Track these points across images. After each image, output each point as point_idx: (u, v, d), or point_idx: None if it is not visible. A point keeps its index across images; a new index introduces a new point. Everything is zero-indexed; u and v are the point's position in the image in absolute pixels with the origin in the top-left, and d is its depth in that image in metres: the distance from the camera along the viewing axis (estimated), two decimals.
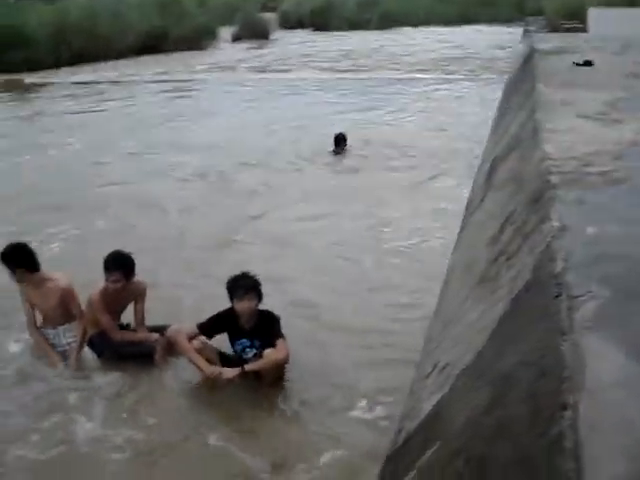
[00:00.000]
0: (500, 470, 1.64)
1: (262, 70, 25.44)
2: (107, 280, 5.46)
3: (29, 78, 25.27)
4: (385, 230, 8.49)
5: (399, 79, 21.83)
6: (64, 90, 22.10)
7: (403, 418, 2.71)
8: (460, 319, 2.84)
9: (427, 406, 2.41)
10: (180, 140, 13.98)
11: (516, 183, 4.08)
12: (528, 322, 2.15)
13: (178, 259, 7.75)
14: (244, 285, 5.06)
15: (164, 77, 24.24)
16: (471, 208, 5.22)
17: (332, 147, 12.21)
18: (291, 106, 17.80)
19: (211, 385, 5.12)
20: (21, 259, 5.54)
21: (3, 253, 5.53)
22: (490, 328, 2.33)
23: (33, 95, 21.97)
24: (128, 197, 10.18)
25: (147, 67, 26.90)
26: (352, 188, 10.35)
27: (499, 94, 11.19)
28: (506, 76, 13.65)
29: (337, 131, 12.41)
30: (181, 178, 11.21)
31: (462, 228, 5.21)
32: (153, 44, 31.60)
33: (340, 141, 12.16)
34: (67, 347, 5.72)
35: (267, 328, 5.09)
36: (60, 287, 5.63)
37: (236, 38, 36.26)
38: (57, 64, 27.76)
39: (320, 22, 40.69)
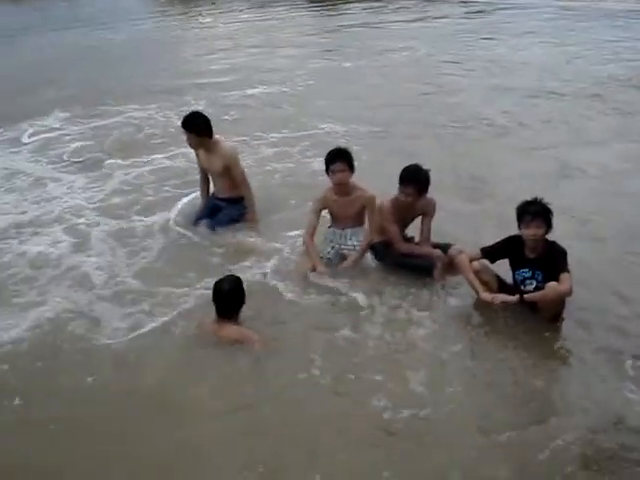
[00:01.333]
0: None
1: None
2: (400, 192, 5.60)
3: None
4: None
5: None
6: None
7: None
8: None
9: None
10: (497, 58, 14.15)
11: None
12: None
13: (481, 178, 7.86)
14: (532, 211, 4.87)
15: None
16: None
17: None
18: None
19: (483, 307, 5.13)
20: (351, 160, 5.81)
21: (339, 152, 5.81)
22: None
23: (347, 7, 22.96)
24: (460, 109, 10.71)
25: None
26: None
27: None
28: None
29: None
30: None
31: None
32: None
33: None
34: (351, 247, 6.01)
35: (552, 261, 4.90)
36: (365, 197, 5.87)
37: None
38: None
39: None
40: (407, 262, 5.72)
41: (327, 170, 5.81)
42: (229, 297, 4.91)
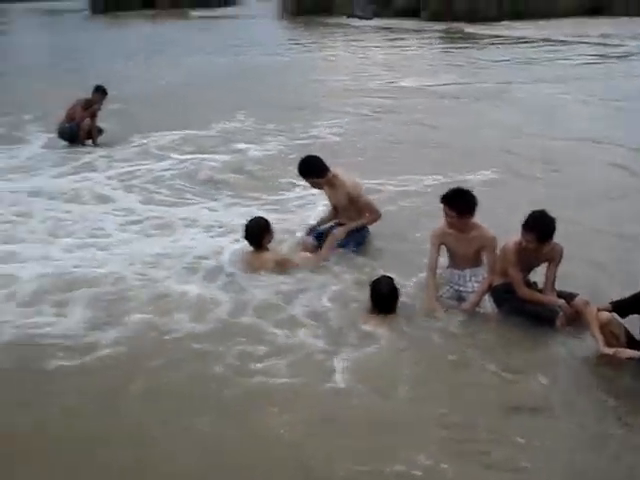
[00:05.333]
0: None
1: None
2: (522, 237, 5.38)
3: (469, 28, 26.17)
4: None
5: None
6: (503, 41, 22.64)
7: None
8: None
9: None
10: None
11: None
12: None
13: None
14: None
15: (604, 40, 23.19)
16: None
17: None
18: None
19: (607, 363, 4.83)
20: (469, 206, 5.65)
21: (449, 196, 5.65)
22: None
23: (473, 43, 22.92)
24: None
25: (587, 29, 25.96)
26: None
27: None
28: None
29: None
30: None
31: None
32: (599, 6, 30.45)
33: None
34: (470, 290, 5.84)
35: None
36: (484, 236, 5.71)
37: None
38: (500, 18, 28.33)
39: None
40: (528, 309, 5.47)
41: None
42: (391, 297, 5.55)
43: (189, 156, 10.86)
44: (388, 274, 5.83)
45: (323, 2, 37.31)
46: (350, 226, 6.81)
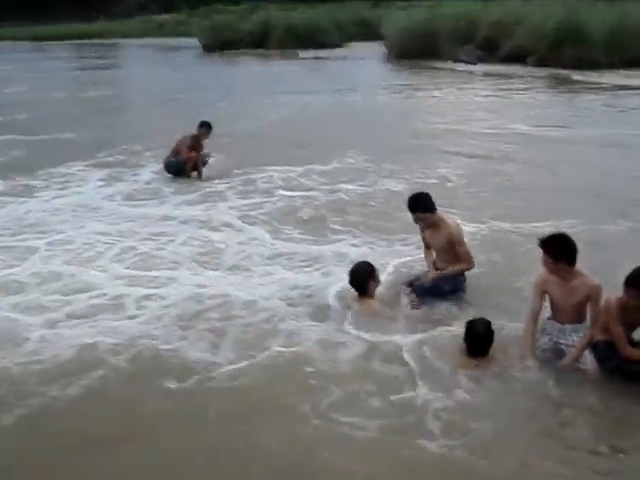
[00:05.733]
0: None
1: None
2: (624, 293, 5.21)
3: (577, 75, 25.73)
4: None
5: None
6: (613, 89, 22.32)
7: None
8: None
9: None
10: None
11: None
12: None
13: None
14: None
15: None
16: None
17: None
18: None
19: None
20: (566, 252, 5.53)
21: (545, 241, 5.54)
22: None
23: (582, 90, 22.62)
24: None
25: None
26: None
27: None
28: None
29: None
30: None
31: None
32: None
33: None
34: (570, 343, 5.66)
35: None
36: (588, 284, 5.55)
37: None
38: (610, 66, 27.59)
39: None
40: (631, 368, 5.27)
41: None
42: (486, 338, 5.53)
43: (310, 192, 11.00)
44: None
45: (428, 46, 37.18)
46: (441, 273, 6.81)
